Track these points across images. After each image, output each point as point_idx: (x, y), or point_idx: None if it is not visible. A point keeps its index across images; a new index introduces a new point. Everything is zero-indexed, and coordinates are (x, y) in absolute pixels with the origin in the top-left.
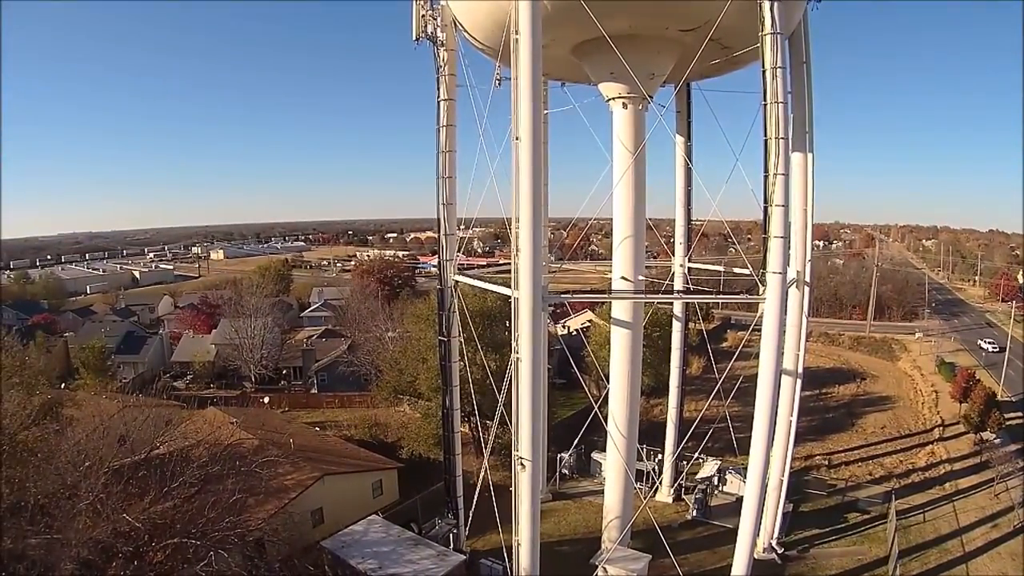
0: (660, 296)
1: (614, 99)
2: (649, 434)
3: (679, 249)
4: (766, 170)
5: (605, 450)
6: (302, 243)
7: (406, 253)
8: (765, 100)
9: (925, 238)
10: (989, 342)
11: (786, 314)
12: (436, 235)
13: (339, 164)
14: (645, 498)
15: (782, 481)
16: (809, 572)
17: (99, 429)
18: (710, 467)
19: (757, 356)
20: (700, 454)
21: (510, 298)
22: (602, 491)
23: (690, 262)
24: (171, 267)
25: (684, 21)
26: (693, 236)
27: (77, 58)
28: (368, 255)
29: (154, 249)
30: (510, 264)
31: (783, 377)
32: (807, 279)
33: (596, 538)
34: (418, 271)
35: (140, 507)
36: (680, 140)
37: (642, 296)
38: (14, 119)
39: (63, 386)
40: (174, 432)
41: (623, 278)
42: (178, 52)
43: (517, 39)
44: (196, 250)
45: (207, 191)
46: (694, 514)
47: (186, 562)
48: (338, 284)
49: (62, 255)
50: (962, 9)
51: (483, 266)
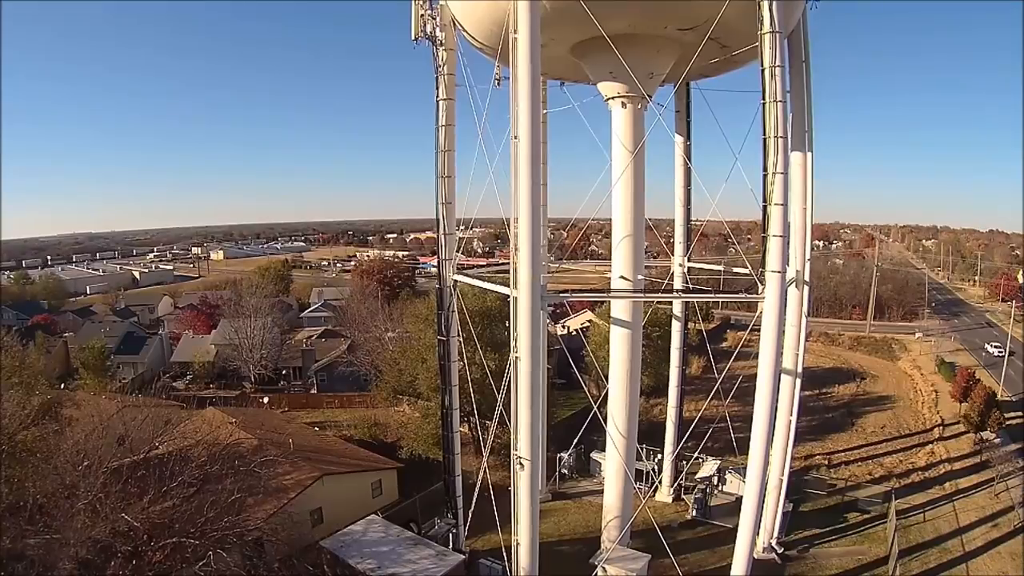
0: (659, 295)
1: (613, 98)
2: (649, 434)
3: (678, 249)
4: (765, 169)
5: (605, 450)
6: (302, 243)
7: (406, 253)
8: (764, 99)
9: (925, 238)
10: (995, 346)
11: (785, 313)
12: (436, 235)
13: (339, 164)
14: (645, 498)
15: (782, 481)
16: (809, 572)
17: (98, 429)
18: (710, 467)
19: (757, 356)
20: (700, 454)
21: (509, 297)
22: (602, 491)
23: (689, 262)
24: (171, 267)
25: (683, 20)
26: (692, 236)
27: (77, 58)
28: (368, 255)
29: (154, 249)
30: (509, 264)
31: (783, 376)
32: (806, 278)
33: (596, 538)
34: (418, 271)
35: (139, 507)
36: (679, 139)
37: (641, 295)
38: (14, 119)
39: (63, 386)
40: (173, 432)
41: (622, 277)
42: (178, 52)
43: (516, 38)
44: (196, 250)
45: (207, 191)
46: (694, 514)
47: (185, 562)
48: (338, 284)
49: (62, 255)
50: (963, 9)
51: (483, 266)
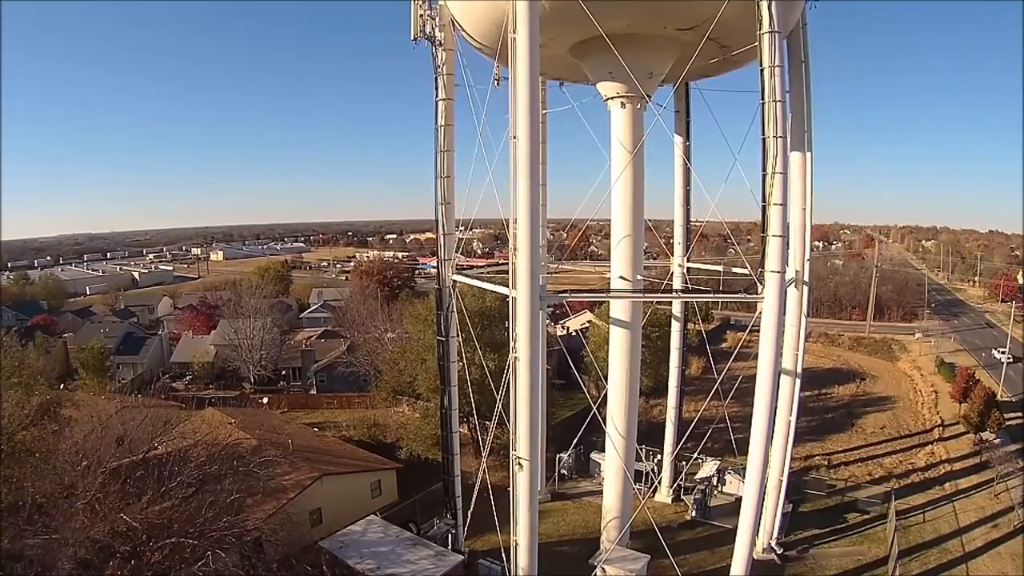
0: (659, 295)
1: (612, 98)
2: (648, 434)
3: (678, 249)
4: (764, 169)
5: (604, 450)
6: (302, 244)
7: (405, 254)
8: (763, 99)
9: (925, 239)
10: (1002, 351)
11: (785, 313)
12: (435, 235)
13: (339, 165)
14: (644, 498)
15: (781, 481)
16: (808, 572)
17: (97, 429)
18: (709, 467)
19: (756, 356)
20: (699, 454)
21: (508, 298)
22: (601, 491)
23: (689, 262)
24: (171, 268)
25: (682, 20)
26: (692, 236)
27: (77, 59)
28: (368, 256)
29: (154, 250)
30: (509, 264)
31: (782, 377)
32: (806, 278)
33: (595, 538)
34: (417, 272)
35: (138, 507)
36: (679, 140)
37: (641, 296)
38: (14, 119)
39: (62, 386)
40: (172, 432)
41: (622, 278)
42: (178, 53)
43: (515, 38)
44: (196, 251)
45: (207, 192)
46: (693, 514)
47: (184, 562)
48: (337, 285)
49: (61, 256)
50: (963, 9)
51: (482, 266)
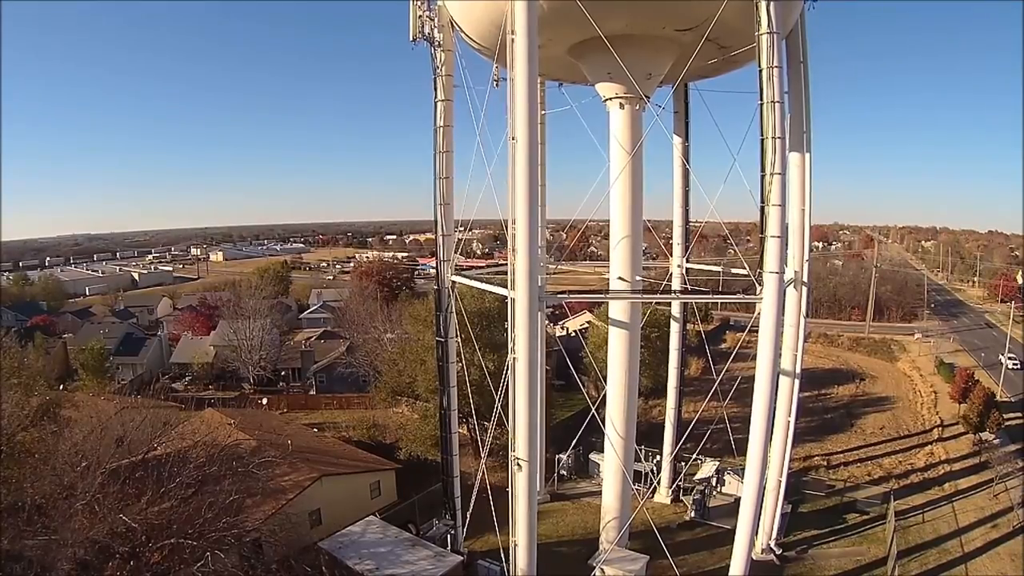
0: (657, 296)
1: (611, 99)
2: (647, 435)
3: (677, 250)
4: (763, 170)
5: (603, 451)
6: (301, 244)
7: (405, 255)
8: (762, 100)
9: (924, 239)
10: (1011, 358)
11: (784, 314)
12: (434, 236)
13: (339, 166)
14: (643, 499)
15: (780, 482)
16: (807, 573)
17: (96, 430)
18: (708, 468)
19: (756, 357)
20: (698, 455)
21: (507, 298)
22: (600, 492)
23: (688, 263)
24: (170, 269)
25: (681, 21)
26: (691, 237)
27: (77, 59)
28: (367, 257)
29: (153, 251)
30: (508, 264)
31: (781, 377)
32: (805, 279)
33: (594, 539)
34: (417, 272)
35: (137, 508)
36: (678, 140)
37: (639, 296)
38: (14, 119)
39: (61, 387)
40: (172, 433)
41: (620, 278)
42: (178, 53)
43: (513, 39)
44: (195, 252)
45: (206, 192)
46: (692, 515)
47: (183, 562)
48: (337, 286)
49: (61, 256)
50: (962, 9)
51: (482, 267)
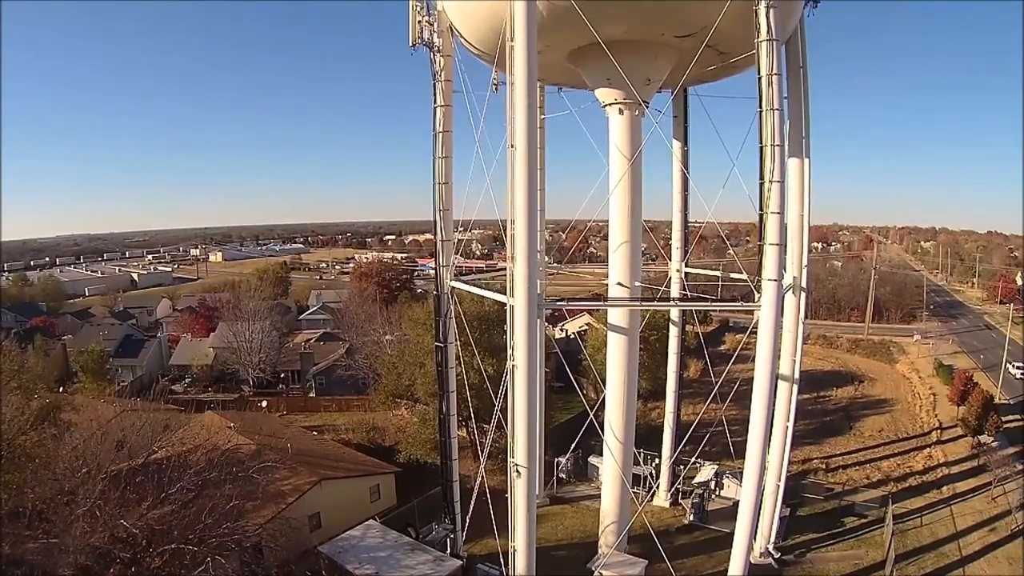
0: (656, 304)
1: (610, 105)
2: (646, 437)
3: (676, 254)
4: (762, 177)
5: (603, 454)
6: (300, 245)
7: (404, 255)
8: (761, 107)
9: (924, 239)
10: (1018, 367)
11: (782, 321)
12: (434, 240)
13: (338, 166)
14: (642, 503)
15: (779, 486)
16: None
17: (97, 434)
18: (707, 471)
19: (755, 359)
20: (697, 458)
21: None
22: (599, 495)
23: (687, 267)
24: (169, 269)
25: (680, 27)
26: (690, 241)
27: (76, 59)
28: (366, 257)
29: (153, 251)
30: (507, 266)
31: (780, 382)
32: (804, 284)
33: (593, 543)
34: (416, 273)
35: (137, 512)
36: (677, 145)
37: (638, 304)
38: (13, 119)
39: (61, 390)
40: (172, 437)
41: (619, 284)
42: (177, 53)
43: (513, 46)
44: (195, 252)
45: (205, 193)
46: (691, 518)
47: (183, 568)
48: (336, 287)
49: (60, 257)
50: (962, 9)
51: (482, 269)
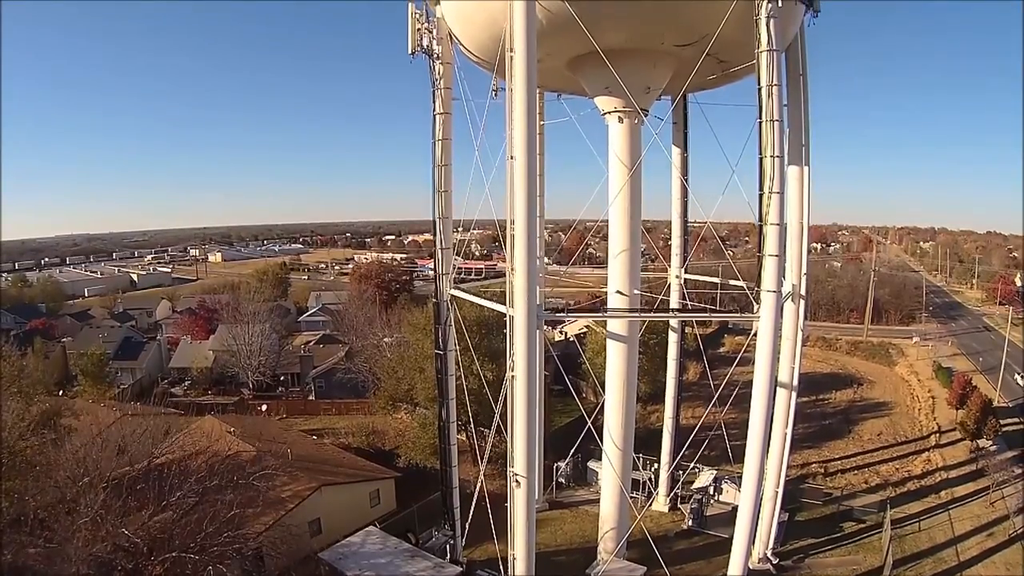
0: (655, 315)
1: (610, 113)
2: (646, 441)
3: (675, 260)
4: (761, 188)
5: (602, 459)
6: (299, 245)
7: (404, 256)
8: (761, 118)
9: (923, 240)
10: (1022, 375)
11: (781, 331)
12: (433, 245)
13: (338, 166)
14: (641, 508)
15: (777, 492)
16: None
17: (97, 440)
18: (706, 476)
19: (754, 363)
20: (696, 463)
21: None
22: (598, 500)
23: (686, 273)
24: (169, 270)
25: (680, 36)
26: (690, 246)
27: (76, 59)
28: (366, 258)
29: (152, 251)
30: (507, 267)
31: (778, 389)
32: (803, 292)
33: (592, 548)
34: (416, 274)
35: (139, 520)
36: (676, 152)
37: (637, 315)
38: (13, 119)
39: (61, 393)
40: (173, 443)
41: (619, 292)
42: (177, 53)
43: (512, 56)
44: (194, 252)
45: (205, 193)
46: (690, 524)
47: None
48: (336, 288)
49: (60, 257)
50: (962, 9)
51: (481, 270)
